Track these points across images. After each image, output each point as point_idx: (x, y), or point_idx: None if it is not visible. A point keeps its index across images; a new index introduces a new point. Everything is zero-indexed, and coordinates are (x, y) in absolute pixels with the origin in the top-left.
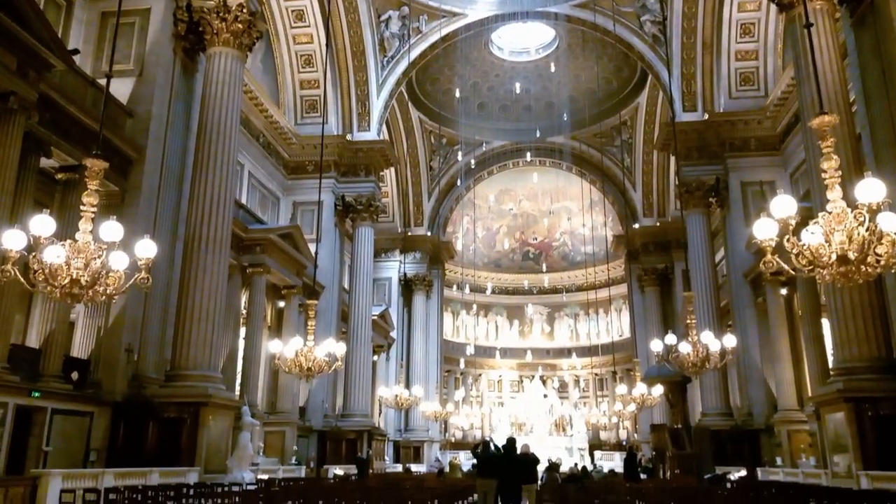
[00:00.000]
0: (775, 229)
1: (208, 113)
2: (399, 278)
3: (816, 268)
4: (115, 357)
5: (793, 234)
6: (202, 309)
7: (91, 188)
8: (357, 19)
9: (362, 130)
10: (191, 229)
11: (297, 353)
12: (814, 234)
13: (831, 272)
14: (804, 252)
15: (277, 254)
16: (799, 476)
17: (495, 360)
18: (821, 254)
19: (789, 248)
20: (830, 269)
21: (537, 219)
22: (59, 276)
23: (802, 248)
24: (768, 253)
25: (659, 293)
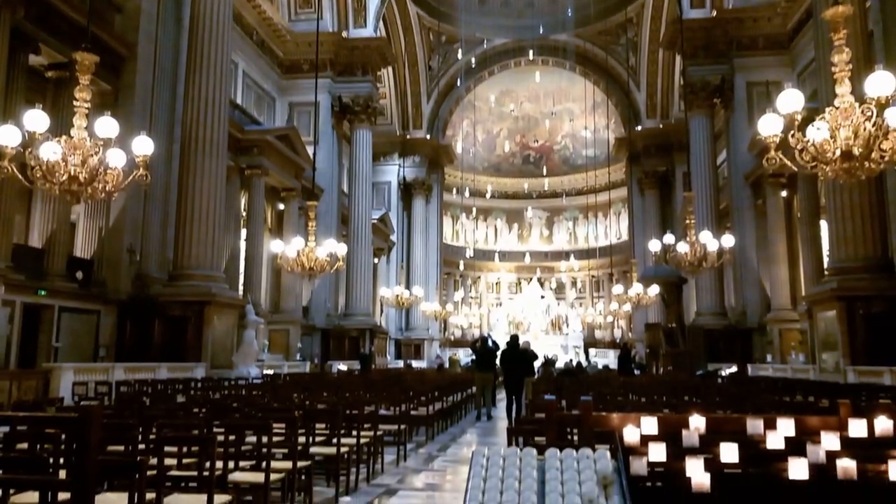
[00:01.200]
0: (780, 125)
1: (200, 6)
2: (398, 182)
3: (820, 164)
4: (118, 257)
5: (798, 130)
6: (202, 210)
7: (83, 83)
8: None
9: (358, 27)
10: (187, 130)
11: (298, 252)
12: (819, 130)
13: (834, 168)
14: (808, 148)
15: (275, 156)
16: (788, 371)
17: (494, 262)
18: (825, 149)
19: (794, 143)
20: (834, 164)
21: (538, 121)
22: (57, 172)
23: (807, 144)
24: (772, 149)
25: (658, 196)
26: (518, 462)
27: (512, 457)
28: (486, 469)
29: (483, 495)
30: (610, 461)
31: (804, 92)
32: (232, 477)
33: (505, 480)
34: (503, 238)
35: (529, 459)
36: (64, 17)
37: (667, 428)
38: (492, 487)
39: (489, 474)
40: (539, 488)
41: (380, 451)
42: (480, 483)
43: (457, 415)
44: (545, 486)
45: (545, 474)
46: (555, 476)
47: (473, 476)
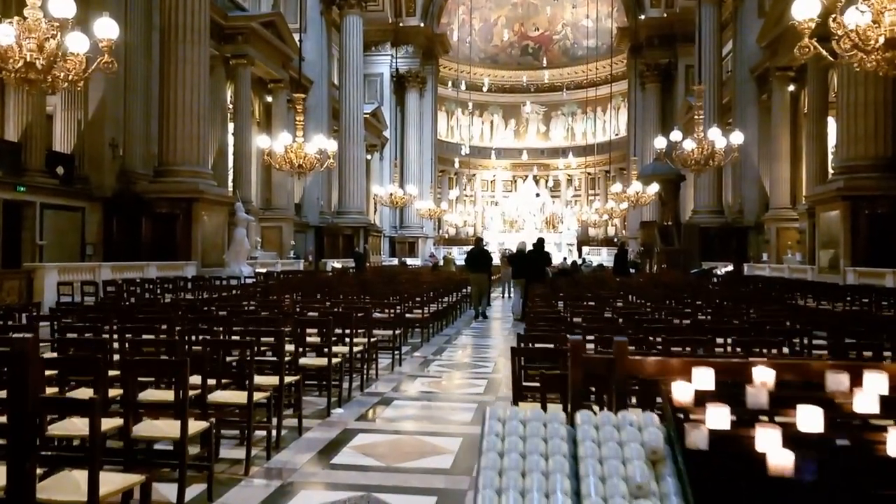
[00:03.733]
0: (817, 8)
1: None
2: (391, 74)
3: (861, 52)
4: (100, 152)
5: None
6: (185, 102)
7: None
8: None
9: None
10: (166, 15)
11: (287, 149)
12: (864, 14)
13: (877, 57)
14: (850, 34)
15: (261, 44)
16: (785, 271)
17: (490, 160)
18: (868, 36)
19: (835, 28)
20: (877, 53)
21: (538, 8)
22: (11, 58)
23: (849, 30)
24: (806, 36)
25: (660, 90)
26: (542, 431)
27: (535, 423)
28: (503, 438)
29: (500, 478)
30: (660, 430)
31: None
32: (212, 397)
33: (527, 457)
34: (499, 134)
35: (556, 427)
36: None
37: (727, 379)
38: (511, 467)
39: (507, 447)
40: (571, 466)
41: (374, 358)
42: (496, 460)
43: (452, 315)
44: (578, 464)
45: (577, 448)
46: (591, 451)
47: (487, 450)
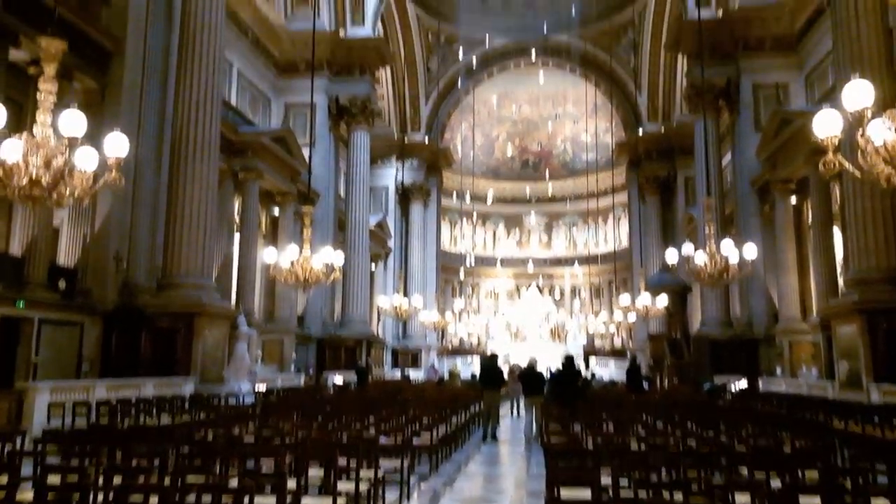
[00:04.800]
0: (840, 124)
1: (192, 1)
2: (396, 186)
3: (890, 167)
4: (104, 265)
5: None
6: (192, 215)
7: (48, 73)
8: None
9: (356, 26)
10: (177, 131)
11: (293, 263)
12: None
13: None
14: (878, 150)
15: (270, 158)
16: (803, 387)
17: (493, 269)
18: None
19: (863, 144)
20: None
21: (538, 125)
22: (16, 175)
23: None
24: (830, 151)
25: (660, 202)
26: None
27: None
28: None
29: None
30: None
31: (814, 94)
32: None
33: None
34: (502, 244)
35: None
36: (47, 9)
37: None
38: None
39: None
40: None
41: (381, 495)
42: None
43: (461, 438)
44: None
45: None
46: None
47: None
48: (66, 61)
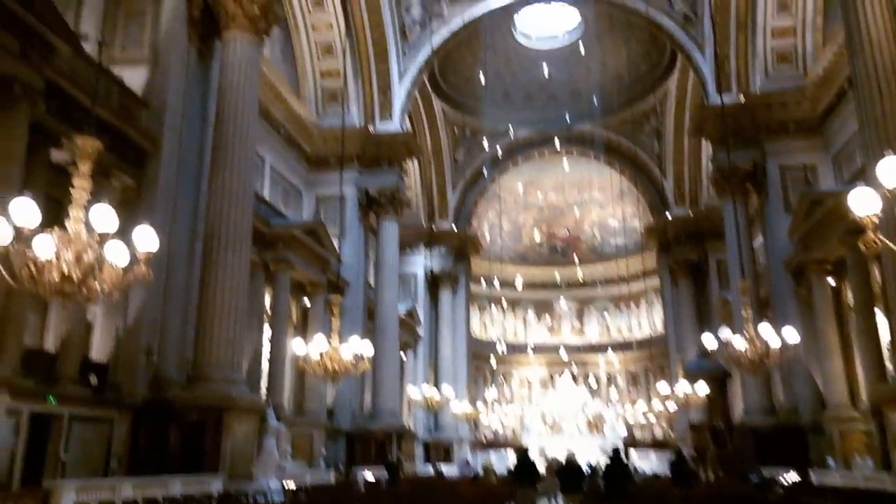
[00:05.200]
0: (878, 202)
1: (226, 101)
2: (425, 274)
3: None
4: (135, 359)
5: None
6: (224, 307)
7: (83, 171)
8: (377, 5)
9: (384, 121)
10: (210, 224)
11: (322, 354)
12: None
13: None
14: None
15: (301, 249)
16: (859, 480)
17: (525, 356)
18: None
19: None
20: None
21: (564, 211)
22: (47, 271)
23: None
24: (869, 230)
25: (692, 286)
26: None
27: None
28: None
29: None
30: None
31: (842, 175)
32: None
33: None
34: (533, 330)
35: None
36: (87, 112)
37: None
38: None
39: None
40: None
41: None
42: None
43: None
44: None
45: None
46: None
47: None
48: (105, 160)
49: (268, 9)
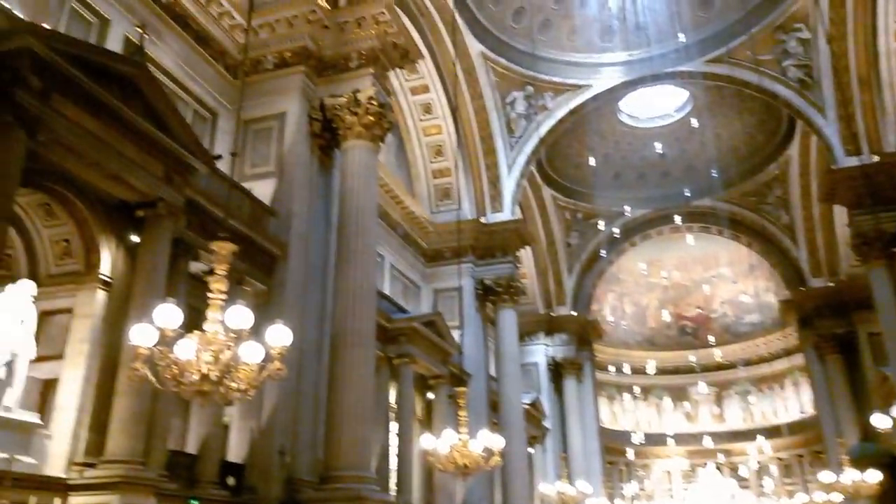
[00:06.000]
0: None
1: (347, 205)
2: (547, 363)
3: None
4: (269, 460)
5: None
6: (352, 405)
7: (219, 273)
8: (483, 105)
9: (495, 212)
10: (337, 323)
11: (451, 448)
12: None
13: None
14: None
15: (422, 342)
16: None
17: (663, 447)
18: None
19: None
20: None
21: (690, 289)
22: (187, 372)
23: None
24: None
25: (843, 362)
26: None
27: None
28: None
29: None
30: None
31: None
32: None
33: None
34: (668, 418)
35: None
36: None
37: None
38: None
39: None
40: None
41: None
42: None
43: None
44: None
45: None
46: None
47: None
48: (239, 268)
49: (381, 117)
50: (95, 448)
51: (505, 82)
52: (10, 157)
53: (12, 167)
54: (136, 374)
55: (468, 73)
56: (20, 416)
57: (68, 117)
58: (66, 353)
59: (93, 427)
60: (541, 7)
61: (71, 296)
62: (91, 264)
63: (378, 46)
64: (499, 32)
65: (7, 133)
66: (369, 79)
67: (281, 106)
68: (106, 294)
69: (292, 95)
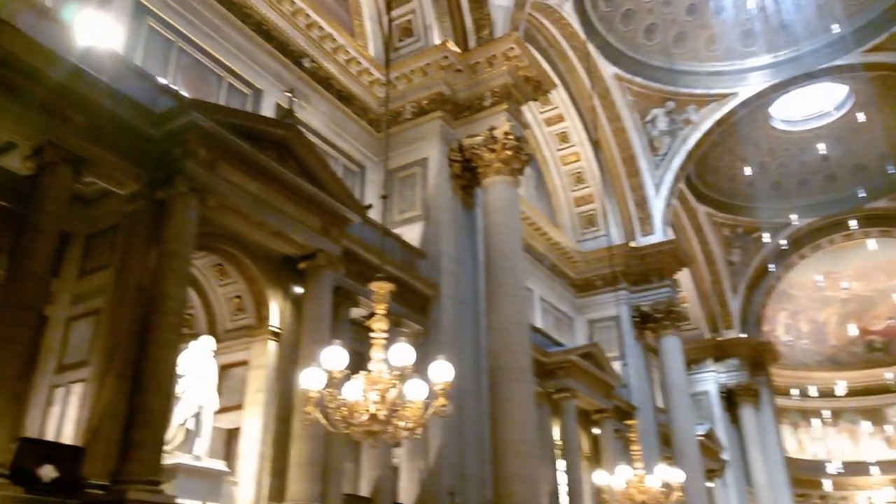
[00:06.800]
0: None
1: (492, 241)
2: (718, 390)
3: None
4: (438, 501)
5: None
6: (516, 442)
7: (379, 312)
8: (621, 126)
9: (646, 235)
10: (492, 359)
11: (627, 484)
12: None
13: None
14: None
15: (581, 375)
16: None
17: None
18: None
19: None
20: None
21: (874, 300)
22: (356, 412)
23: None
24: None
25: None
26: None
27: None
28: None
29: None
30: None
31: None
32: None
33: None
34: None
35: None
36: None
37: None
38: None
39: None
40: None
41: None
42: None
43: None
44: None
45: None
46: None
47: None
48: (395, 310)
49: (519, 151)
50: (277, 493)
51: (643, 101)
52: (185, 224)
53: (188, 233)
54: (308, 418)
55: (603, 97)
56: (209, 464)
57: (233, 182)
58: (245, 403)
59: (273, 472)
60: (673, 21)
61: (246, 348)
62: (262, 317)
63: (510, 82)
64: (632, 52)
65: (182, 202)
66: (504, 115)
67: (422, 152)
68: (276, 344)
69: (432, 141)
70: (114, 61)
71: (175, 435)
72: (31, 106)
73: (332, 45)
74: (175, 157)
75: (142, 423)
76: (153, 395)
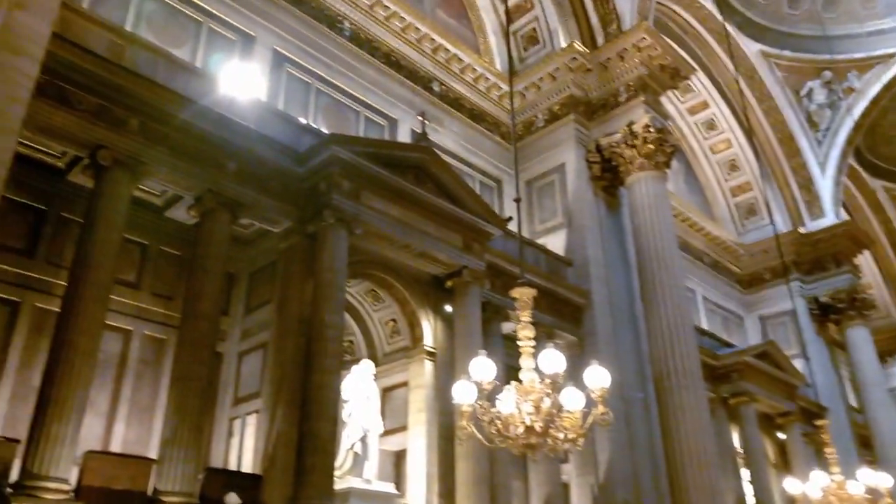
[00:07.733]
0: None
1: (643, 241)
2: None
3: None
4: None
5: None
6: (692, 451)
7: (524, 320)
8: (773, 105)
9: (815, 218)
10: (657, 366)
11: (823, 491)
12: None
13: None
14: None
15: (758, 377)
16: None
17: None
18: None
19: None
20: None
21: None
22: (511, 425)
23: None
24: None
25: None
26: None
27: None
28: None
29: None
30: None
31: None
32: None
33: None
34: None
35: None
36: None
37: None
38: None
39: None
40: None
41: None
42: None
43: None
44: None
45: None
46: None
47: None
48: (546, 321)
49: (662, 143)
50: None
51: (794, 75)
52: (337, 254)
53: (340, 262)
54: (463, 433)
55: (749, 77)
56: (380, 487)
57: (376, 208)
58: (409, 424)
59: (441, 493)
60: None
61: (404, 370)
62: (416, 338)
63: (644, 73)
64: (776, 24)
65: (331, 233)
66: (641, 108)
67: (558, 158)
68: (432, 364)
69: (567, 145)
70: (258, 108)
71: (345, 459)
72: (190, 159)
73: (458, 65)
74: (321, 191)
75: (312, 449)
76: (320, 420)
